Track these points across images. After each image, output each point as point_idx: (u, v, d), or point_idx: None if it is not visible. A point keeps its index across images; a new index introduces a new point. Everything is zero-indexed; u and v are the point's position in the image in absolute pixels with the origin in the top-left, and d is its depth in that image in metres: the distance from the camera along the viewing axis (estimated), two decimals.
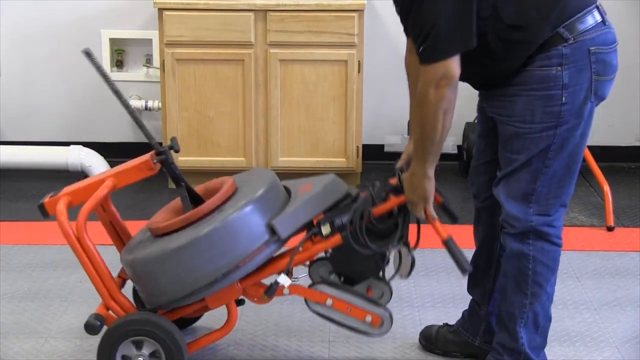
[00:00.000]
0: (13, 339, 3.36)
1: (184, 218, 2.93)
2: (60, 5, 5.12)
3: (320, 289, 3.00)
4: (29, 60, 5.24)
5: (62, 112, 5.30)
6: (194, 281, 2.87)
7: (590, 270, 3.93)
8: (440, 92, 2.62)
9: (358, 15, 4.58)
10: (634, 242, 4.24)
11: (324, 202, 2.99)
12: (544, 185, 2.84)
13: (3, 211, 4.60)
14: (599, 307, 3.60)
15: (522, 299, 2.90)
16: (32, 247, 4.16)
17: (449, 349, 3.24)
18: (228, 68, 4.66)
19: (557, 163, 2.81)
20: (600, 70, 2.78)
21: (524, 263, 2.88)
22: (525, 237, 2.87)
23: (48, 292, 3.71)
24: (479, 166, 3.11)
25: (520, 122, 2.78)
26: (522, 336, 2.93)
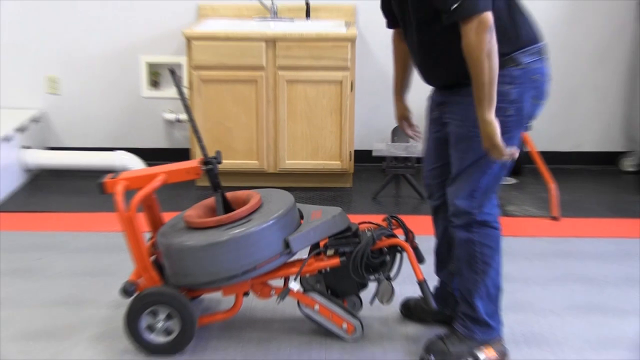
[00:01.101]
0: (72, 307, 3.39)
1: (218, 219, 2.94)
2: (107, 35, 5.14)
3: (312, 296, 3.04)
4: (82, 80, 5.24)
5: (109, 123, 5.30)
6: (217, 273, 2.89)
7: (538, 252, 3.95)
8: (480, 38, 2.52)
9: (350, 44, 4.60)
10: (574, 229, 4.28)
11: (330, 230, 3.02)
12: (487, 182, 2.83)
13: (62, 204, 4.63)
14: (546, 282, 3.63)
15: (475, 276, 2.91)
16: (84, 233, 4.19)
17: (424, 317, 3.24)
18: (244, 87, 4.67)
19: (497, 164, 2.81)
20: (537, 95, 2.80)
21: (472, 248, 2.89)
22: (471, 227, 2.87)
23: (98, 270, 3.74)
24: (431, 171, 3.08)
25: (472, 126, 2.70)
26: (479, 306, 2.93)
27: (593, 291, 3.58)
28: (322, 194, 4.76)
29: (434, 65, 2.83)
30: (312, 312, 3.09)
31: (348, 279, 3.05)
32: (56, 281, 3.66)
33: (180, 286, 3.00)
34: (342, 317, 3.10)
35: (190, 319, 2.98)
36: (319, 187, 4.87)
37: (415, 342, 3.13)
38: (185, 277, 2.98)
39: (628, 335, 3.20)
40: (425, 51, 2.81)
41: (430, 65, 2.84)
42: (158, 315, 2.99)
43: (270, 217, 2.91)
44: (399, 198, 4.73)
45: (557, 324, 3.28)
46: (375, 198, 4.72)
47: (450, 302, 3.19)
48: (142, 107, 5.29)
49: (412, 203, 4.64)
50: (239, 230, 2.88)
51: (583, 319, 3.33)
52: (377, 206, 4.60)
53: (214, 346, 3.09)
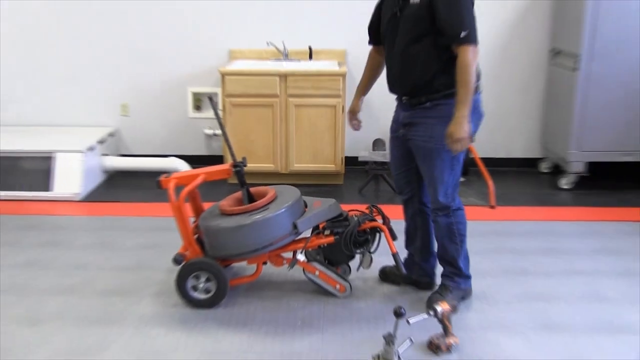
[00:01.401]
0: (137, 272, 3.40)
1: (244, 208, 2.95)
2: (163, 71, 5.11)
3: (313, 265, 3.06)
4: (145, 105, 5.21)
5: (164, 136, 5.27)
6: (244, 247, 2.91)
7: (480, 231, 3.88)
8: (474, 58, 2.62)
9: (342, 78, 4.57)
10: (505, 214, 4.26)
11: (327, 216, 3.03)
12: (453, 180, 2.87)
13: (130, 196, 4.60)
14: (485, 252, 3.61)
15: (456, 246, 2.97)
16: (146, 217, 4.17)
17: (396, 280, 3.23)
18: (263, 110, 4.63)
19: (457, 166, 2.85)
20: (478, 117, 2.81)
21: (451, 227, 2.93)
22: (449, 213, 2.92)
23: (155, 244, 3.73)
24: (398, 175, 3.09)
25: (437, 141, 2.75)
26: (462, 265, 3.01)
27: (519, 259, 3.57)
28: (320, 189, 4.74)
29: (410, 73, 2.78)
30: (313, 276, 3.11)
31: (340, 252, 3.05)
32: (125, 252, 3.65)
33: (216, 257, 3.02)
34: (335, 280, 3.12)
35: (223, 282, 3.00)
36: (318, 183, 4.84)
37: (389, 298, 3.14)
38: (220, 250, 2.98)
39: (546, 290, 3.22)
40: (406, 62, 2.77)
41: (408, 73, 2.79)
42: (200, 279, 3.02)
43: (283, 206, 2.92)
44: (378, 192, 4.71)
45: (493, 283, 3.29)
46: (361, 192, 4.70)
47: (415, 269, 3.19)
48: (189, 124, 5.28)
49: (388, 196, 4.62)
50: (259, 215, 2.89)
51: (511, 279, 3.34)
52: (362, 198, 4.57)
53: (240, 302, 3.10)
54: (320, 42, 5.03)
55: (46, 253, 3.63)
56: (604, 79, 4.45)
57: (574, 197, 4.59)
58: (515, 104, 5.17)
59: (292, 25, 5.02)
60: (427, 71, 2.73)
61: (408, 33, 2.73)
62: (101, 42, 5.08)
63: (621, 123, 4.55)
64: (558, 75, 4.84)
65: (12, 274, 3.37)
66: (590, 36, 4.38)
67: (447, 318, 2.67)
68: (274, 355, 2.66)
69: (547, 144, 5.11)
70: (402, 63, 2.79)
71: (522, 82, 5.12)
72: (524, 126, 5.21)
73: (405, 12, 2.73)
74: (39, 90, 5.19)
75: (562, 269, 3.44)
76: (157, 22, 5.03)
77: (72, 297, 3.13)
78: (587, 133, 4.58)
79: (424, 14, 2.66)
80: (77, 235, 3.91)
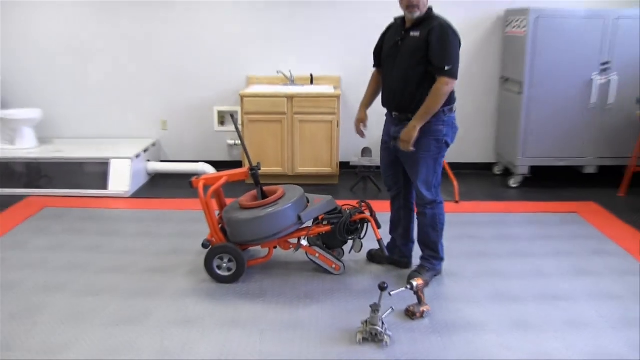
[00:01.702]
0: (173, 254, 3.36)
1: (259, 203, 2.91)
2: (194, 93, 5.04)
3: (314, 248, 3.03)
4: (180, 120, 5.13)
5: (195, 146, 5.21)
6: (259, 234, 2.87)
7: (447, 222, 3.76)
8: (447, 90, 2.63)
9: (337, 99, 4.51)
10: (467, 208, 4.22)
11: (325, 209, 3.00)
12: (437, 181, 2.85)
13: (168, 193, 4.55)
14: (450, 239, 3.51)
15: (437, 233, 2.96)
16: (180, 211, 4.12)
17: (381, 261, 3.21)
18: (274, 125, 4.58)
19: (438, 169, 2.81)
20: (455, 130, 2.82)
21: (434, 218, 2.91)
22: (432, 206, 2.89)
23: (188, 233, 3.67)
24: (387, 176, 3.06)
25: (423, 150, 2.75)
26: (440, 249, 3.00)
27: (478, 244, 3.54)
28: (319, 187, 4.70)
29: (403, 93, 2.76)
30: (314, 258, 3.08)
31: (336, 238, 3.02)
32: (164, 239, 3.61)
33: (236, 242, 2.99)
34: (332, 261, 3.08)
35: (242, 262, 2.98)
36: (318, 183, 4.80)
37: (375, 275, 3.11)
38: (239, 237, 2.95)
39: (499, 268, 3.19)
40: (401, 83, 2.75)
41: (401, 93, 2.77)
42: (223, 260, 3.01)
43: (289, 202, 2.89)
44: (366, 190, 4.68)
45: (457, 263, 3.26)
46: (352, 190, 4.67)
47: (396, 251, 3.18)
48: (214, 136, 5.25)
49: (373, 193, 4.59)
50: (271, 209, 2.87)
51: (472, 260, 3.30)
52: (353, 195, 4.54)
53: (256, 278, 3.08)
54: (319, 70, 4.99)
55: (102, 239, 3.60)
56: (541, 100, 4.45)
57: (520, 194, 4.56)
58: (474, 119, 5.14)
59: (297, 57, 4.98)
60: (417, 93, 2.71)
61: (406, 60, 2.72)
62: (145, 70, 5.04)
63: (556, 135, 4.54)
64: (507, 97, 4.82)
65: (75, 255, 3.35)
66: (529, 67, 4.38)
67: (421, 291, 2.66)
68: (283, 321, 2.64)
69: (499, 151, 5.09)
70: (398, 84, 2.76)
71: (479, 102, 5.09)
72: (481, 137, 5.18)
73: (405, 42, 2.72)
74: (95, 110, 5.15)
75: (512, 251, 3.41)
76: (190, 54, 4.99)
77: (122, 274, 3.11)
78: (530, 143, 4.56)
79: (422, 46, 2.65)
80: (126, 225, 3.88)
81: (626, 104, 4.48)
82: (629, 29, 4.32)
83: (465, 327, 2.59)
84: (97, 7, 4.90)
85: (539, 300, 2.82)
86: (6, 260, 3.27)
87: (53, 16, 4.93)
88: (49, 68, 5.04)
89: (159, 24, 4.92)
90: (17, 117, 4.79)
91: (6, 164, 4.60)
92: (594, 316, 2.67)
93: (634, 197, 4.43)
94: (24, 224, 3.85)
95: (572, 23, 4.30)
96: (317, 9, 4.87)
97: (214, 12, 4.90)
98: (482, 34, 4.90)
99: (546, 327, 2.58)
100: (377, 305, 2.43)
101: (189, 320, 2.64)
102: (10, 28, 4.96)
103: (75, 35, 4.96)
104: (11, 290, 2.92)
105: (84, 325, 2.59)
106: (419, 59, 2.67)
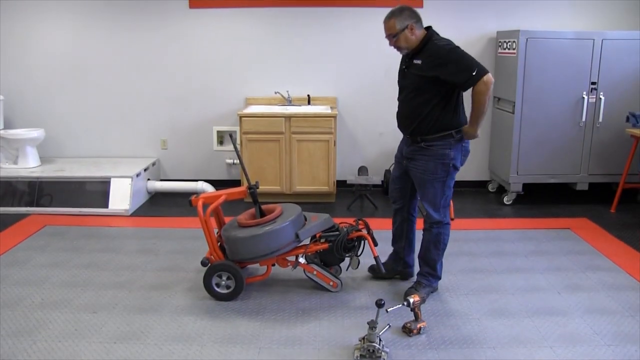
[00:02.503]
0: (172, 272, 3.34)
1: (257, 221, 2.90)
2: (194, 113, 5.07)
3: (312, 266, 3.01)
4: (180, 140, 5.15)
5: (195, 165, 5.21)
6: (257, 252, 2.85)
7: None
8: (490, 87, 2.54)
9: (334, 119, 4.53)
10: (463, 225, 4.21)
11: (322, 227, 2.99)
12: (445, 203, 2.83)
13: (167, 212, 4.55)
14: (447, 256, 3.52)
15: (438, 252, 2.93)
16: (180, 229, 4.10)
17: (384, 275, 3.16)
18: (272, 144, 4.59)
19: (447, 191, 2.82)
20: (464, 154, 2.79)
21: (439, 236, 2.88)
22: (439, 227, 2.87)
23: (187, 250, 3.66)
24: (394, 189, 3.05)
25: (431, 174, 2.75)
26: (438, 268, 2.97)
27: (474, 261, 3.53)
28: (317, 206, 4.70)
29: (411, 118, 2.76)
30: (312, 275, 3.06)
31: (333, 255, 3.02)
32: (163, 256, 3.59)
33: (235, 260, 2.97)
34: (329, 278, 3.07)
35: (240, 280, 2.96)
36: (315, 202, 4.79)
37: (373, 292, 3.11)
38: (238, 255, 2.94)
39: (494, 284, 3.17)
40: (409, 108, 2.76)
41: (409, 117, 2.78)
42: (222, 277, 2.99)
43: (287, 220, 2.88)
44: (363, 208, 4.68)
45: (454, 279, 3.26)
46: (349, 208, 4.66)
47: (400, 263, 3.18)
48: (214, 156, 5.26)
49: (370, 211, 4.59)
50: (269, 227, 2.85)
51: (468, 276, 3.29)
52: (349, 213, 4.54)
53: (254, 296, 3.06)
54: (316, 91, 5.02)
55: (102, 256, 3.58)
56: (533, 119, 4.49)
57: (514, 211, 4.56)
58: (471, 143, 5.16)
59: (295, 78, 5.02)
60: (424, 118, 2.71)
61: (410, 85, 2.73)
62: (146, 90, 5.07)
63: (548, 153, 4.57)
64: (500, 117, 4.85)
65: (76, 272, 3.33)
66: (521, 87, 4.42)
67: (418, 307, 2.64)
68: (281, 338, 2.61)
69: (493, 169, 5.11)
70: (408, 110, 2.77)
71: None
72: (476, 155, 5.19)
73: (410, 69, 2.73)
74: (96, 129, 5.16)
75: (507, 267, 3.40)
76: (190, 75, 5.02)
77: (122, 291, 3.09)
78: (523, 161, 4.58)
79: (424, 72, 2.64)
80: (126, 242, 3.86)
81: (616, 122, 4.52)
82: (615, 49, 4.38)
83: (462, 343, 2.56)
84: (98, 29, 4.94)
85: (535, 316, 2.80)
86: (7, 277, 3.25)
87: (55, 37, 4.97)
88: (51, 88, 5.07)
89: (160, 45, 4.96)
90: (20, 136, 4.80)
91: (9, 182, 4.59)
92: (589, 332, 2.65)
93: (625, 213, 4.44)
94: (25, 242, 3.83)
95: (561, 44, 4.36)
96: (314, 33, 4.93)
97: (214, 34, 4.94)
98: (475, 55, 4.87)
99: (542, 343, 2.56)
100: (375, 321, 2.41)
101: (187, 338, 2.61)
102: (13, 49, 4.99)
103: (77, 57, 5.00)
104: (12, 307, 2.89)
105: (84, 343, 2.56)
106: (423, 85, 2.67)
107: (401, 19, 2.64)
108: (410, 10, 2.68)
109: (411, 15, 2.66)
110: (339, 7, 4.84)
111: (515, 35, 4.43)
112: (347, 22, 4.87)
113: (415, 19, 2.67)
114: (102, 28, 4.94)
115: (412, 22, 2.64)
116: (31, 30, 4.96)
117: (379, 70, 4.91)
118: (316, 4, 4.83)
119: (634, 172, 4.51)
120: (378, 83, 4.93)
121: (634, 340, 2.58)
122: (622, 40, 4.39)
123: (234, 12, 4.88)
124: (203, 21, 4.91)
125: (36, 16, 4.92)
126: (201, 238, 3.25)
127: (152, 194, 5.01)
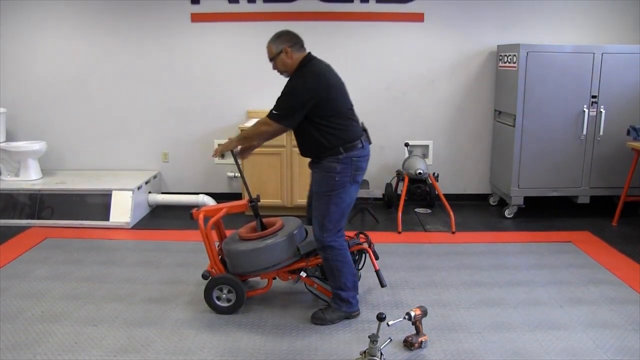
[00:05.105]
0: (173, 284, 3.34)
1: (258, 234, 2.91)
2: (195, 127, 5.11)
3: (312, 279, 2.99)
4: (181, 153, 5.19)
5: (196, 178, 5.24)
6: (258, 265, 2.86)
7: (444, 252, 3.86)
8: (264, 128, 2.71)
9: None
10: (463, 238, 4.22)
11: None
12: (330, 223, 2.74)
13: (168, 225, 4.56)
14: (449, 269, 3.57)
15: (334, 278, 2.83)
16: (181, 242, 4.12)
17: None
18: (273, 158, 4.62)
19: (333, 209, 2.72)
20: (355, 169, 2.73)
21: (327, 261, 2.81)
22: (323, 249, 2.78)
23: (188, 263, 3.67)
24: (309, 205, 3.04)
25: (319, 187, 2.75)
26: (341, 293, 2.84)
27: (475, 274, 3.53)
28: None
29: (300, 143, 2.84)
30: (312, 288, 3.04)
31: None
32: (164, 269, 3.60)
33: (236, 273, 2.97)
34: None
35: (241, 293, 2.96)
36: None
37: (373, 306, 3.08)
38: (239, 268, 2.94)
39: (495, 297, 3.17)
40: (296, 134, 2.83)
41: (299, 143, 2.85)
42: (223, 290, 2.99)
43: (288, 233, 2.88)
44: (364, 221, 4.69)
45: (455, 293, 3.26)
46: (350, 221, 4.67)
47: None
48: (215, 169, 5.28)
49: (371, 224, 4.60)
50: (270, 240, 2.86)
51: (469, 289, 3.29)
52: (350, 226, 4.54)
53: (255, 309, 3.05)
54: None
55: (103, 269, 3.59)
56: (534, 132, 4.51)
57: (515, 224, 4.57)
58: (470, 151, 5.19)
59: None
60: (308, 141, 2.76)
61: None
62: (147, 103, 5.11)
63: (549, 166, 4.59)
64: (501, 130, 4.88)
65: (76, 285, 3.33)
66: (522, 101, 4.46)
67: (419, 321, 2.64)
68: (282, 352, 2.61)
69: (494, 182, 5.13)
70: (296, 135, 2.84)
71: (474, 134, 5.15)
72: (477, 169, 5.23)
73: None
74: (98, 142, 5.20)
75: (509, 280, 3.40)
76: (192, 88, 5.07)
77: (122, 304, 3.09)
78: (524, 174, 4.60)
79: None
80: (127, 255, 3.86)
81: (616, 135, 4.54)
82: (615, 63, 4.42)
83: (463, 357, 2.56)
84: (100, 42, 5.00)
85: (537, 330, 2.80)
86: (7, 290, 3.26)
87: (57, 51, 5.03)
88: (53, 101, 5.12)
89: (162, 59, 5.01)
90: (22, 149, 4.84)
91: (10, 194, 4.61)
92: (591, 346, 2.65)
93: (626, 226, 4.44)
94: (26, 255, 3.84)
95: (561, 58, 4.40)
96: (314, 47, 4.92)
97: (216, 48, 4.99)
98: (476, 69, 5.00)
99: (544, 357, 2.56)
100: (376, 335, 2.41)
101: (188, 351, 2.61)
102: (15, 62, 5.05)
103: (79, 70, 5.05)
104: (12, 320, 2.90)
105: (84, 356, 2.56)
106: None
107: (277, 43, 2.73)
108: (288, 34, 2.76)
109: (288, 39, 2.75)
110: (339, 21, 4.89)
111: (515, 49, 4.48)
112: (347, 37, 4.92)
113: (291, 43, 2.73)
114: (104, 41, 5.00)
115: (287, 45, 2.73)
116: (33, 43, 5.02)
117: (380, 84, 4.95)
118: (317, 19, 4.88)
119: (636, 185, 4.53)
120: (378, 97, 4.97)
121: (637, 355, 2.57)
122: (622, 54, 4.43)
123: (235, 26, 4.94)
124: (205, 35, 4.96)
125: (38, 29, 4.99)
126: (202, 251, 3.26)
127: (153, 207, 5.03)
